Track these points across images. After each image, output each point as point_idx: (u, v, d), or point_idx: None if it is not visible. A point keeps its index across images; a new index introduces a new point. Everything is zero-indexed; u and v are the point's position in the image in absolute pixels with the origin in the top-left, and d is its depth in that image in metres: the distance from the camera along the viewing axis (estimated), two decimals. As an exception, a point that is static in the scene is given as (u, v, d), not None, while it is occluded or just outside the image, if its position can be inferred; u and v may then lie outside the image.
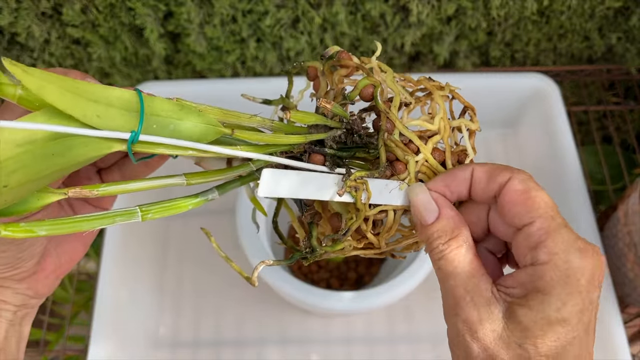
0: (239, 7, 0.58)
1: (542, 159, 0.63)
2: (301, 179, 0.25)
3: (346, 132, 0.26)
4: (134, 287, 0.56)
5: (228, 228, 0.54)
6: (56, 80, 0.19)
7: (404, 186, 0.25)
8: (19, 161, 0.18)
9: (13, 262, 0.26)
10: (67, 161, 0.20)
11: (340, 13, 0.58)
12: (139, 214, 0.23)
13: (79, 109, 0.19)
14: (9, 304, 0.27)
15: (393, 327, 0.58)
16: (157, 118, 0.21)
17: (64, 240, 0.29)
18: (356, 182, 0.24)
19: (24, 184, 0.19)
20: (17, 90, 0.20)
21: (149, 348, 0.56)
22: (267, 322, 0.58)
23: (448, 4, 0.58)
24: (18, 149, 0.18)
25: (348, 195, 0.25)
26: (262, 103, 0.30)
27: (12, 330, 0.28)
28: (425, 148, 0.25)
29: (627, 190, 0.52)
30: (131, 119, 0.21)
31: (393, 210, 0.26)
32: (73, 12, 0.57)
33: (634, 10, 0.61)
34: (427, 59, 0.68)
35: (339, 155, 0.26)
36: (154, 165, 0.29)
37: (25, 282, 0.27)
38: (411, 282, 0.47)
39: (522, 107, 0.65)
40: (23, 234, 0.20)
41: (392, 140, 0.25)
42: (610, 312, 0.51)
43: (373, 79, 0.25)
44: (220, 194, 0.26)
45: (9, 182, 0.18)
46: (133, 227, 0.58)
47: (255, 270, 0.25)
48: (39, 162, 0.19)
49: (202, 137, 0.22)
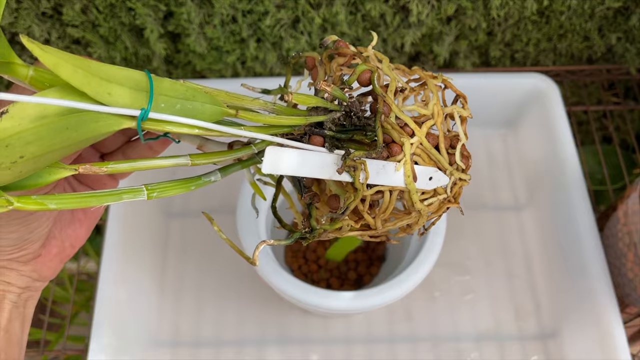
0: (239, 7, 0.58)
1: (542, 159, 0.63)
2: (302, 158, 0.26)
3: (345, 115, 0.27)
4: (134, 287, 0.56)
5: (229, 227, 0.54)
6: (70, 58, 0.20)
7: (400, 167, 0.26)
8: (35, 133, 0.19)
9: (20, 244, 0.27)
10: (79, 135, 0.20)
11: (340, 13, 0.58)
12: (145, 192, 0.24)
13: (90, 86, 0.20)
14: (14, 285, 0.28)
15: (393, 327, 0.58)
16: (165, 97, 0.22)
17: (68, 224, 0.30)
18: (355, 161, 0.25)
19: (38, 156, 0.20)
20: (29, 70, 0.21)
21: (149, 348, 0.56)
22: (267, 322, 0.58)
23: (448, 4, 0.58)
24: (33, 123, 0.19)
25: (347, 174, 0.26)
26: (261, 93, 0.31)
27: (16, 313, 0.28)
28: (419, 131, 0.27)
29: (627, 190, 0.52)
30: (140, 97, 0.21)
31: (389, 190, 0.27)
32: (73, 12, 0.57)
33: (633, 11, 0.61)
34: (427, 59, 0.68)
35: (337, 137, 0.27)
36: (157, 149, 0.30)
37: (31, 264, 0.28)
38: (411, 282, 0.47)
39: (522, 107, 0.65)
40: (34, 206, 0.21)
41: (389, 122, 0.26)
42: (610, 312, 0.51)
43: (370, 65, 0.27)
44: (222, 176, 0.27)
45: (25, 153, 0.19)
46: (133, 227, 0.58)
47: (257, 249, 0.26)
48: (53, 135, 0.19)
49: (208, 117, 0.23)
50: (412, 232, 0.30)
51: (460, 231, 0.62)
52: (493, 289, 0.59)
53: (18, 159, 0.19)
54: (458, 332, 0.57)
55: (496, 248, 0.62)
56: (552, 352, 0.56)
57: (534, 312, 0.58)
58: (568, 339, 0.55)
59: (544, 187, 0.62)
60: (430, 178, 0.28)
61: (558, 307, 0.57)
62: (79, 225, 0.30)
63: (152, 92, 0.21)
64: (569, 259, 0.56)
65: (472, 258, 0.61)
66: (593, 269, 0.53)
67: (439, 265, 0.50)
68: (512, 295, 0.59)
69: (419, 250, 0.49)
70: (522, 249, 0.62)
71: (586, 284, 0.53)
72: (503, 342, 0.57)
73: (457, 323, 0.58)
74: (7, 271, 0.27)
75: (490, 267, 0.61)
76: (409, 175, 0.26)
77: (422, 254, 0.48)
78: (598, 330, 0.51)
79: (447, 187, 0.28)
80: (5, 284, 0.28)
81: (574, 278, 0.55)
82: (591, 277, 0.52)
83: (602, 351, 0.51)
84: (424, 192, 0.28)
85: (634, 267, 0.50)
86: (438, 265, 0.50)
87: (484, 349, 0.56)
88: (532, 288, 0.60)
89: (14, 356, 0.28)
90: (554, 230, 0.59)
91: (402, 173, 0.26)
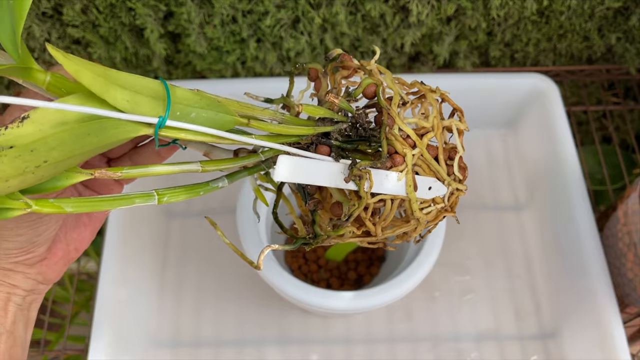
0: (239, 8, 0.58)
1: (542, 159, 0.63)
2: (312, 166, 0.27)
3: (351, 126, 0.28)
4: (134, 287, 0.56)
5: (228, 227, 0.54)
6: (90, 66, 0.21)
7: (402, 177, 0.27)
8: (58, 139, 0.20)
9: (27, 247, 0.27)
10: (100, 141, 0.21)
11: (340, 13, 0.58)
12: (156, 197, 0.25)
13: (110, 93, 0.21)
14: (19, 288, 0.28)
15: (393, 327, 0.58)
16: (180, 106, 0.23)
17: (73, 227, 0.30)
18: (361, 171, 0.26)
19: (60, 161, 0.20)
20: (46, 76, 0.21)
21: (149, 348, 0.56)
22: (267, 322, 0.58)
23: (448, 4, 0.58)
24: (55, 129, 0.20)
25: (352, 183, 0.27)
26: (264, 102, 0.31)
27: (20, 315, 0.28)
28: (421, 143, 0.28)
29: (627, 190, 0.52)
30: (157, 105, 0.22)
31: (391, 199, 0.28)
32: (73, 12, 0.57)
33: (633, 11, 0.61)
34: (427, 59, 0.68)
35: (343, 147, 0.28)
36: (164, 155, 0.30)
37: (36, 267, 0.28)
38: (411, 282, 0.47)
39: (522, 107, 0.65)
40: (52, 209, 0.22)
41: (393, 134, 0.27)
42: (610, 312, 0.51)
43: (375, 79, 0.28)
44: (229, 182, 0.28)
45: (49, 158, 0.20)
46: (133, 227, 0.58)
47: (262, 254, 0.27)
48: (75, 141, 0.20)
49: (221, 126, 0.24)
50: (410, 239, 0.31)
51: (460, 231, 0.62)
52: (493, 289, 0.60)
53: (42, 164, 0.20)
54: (458, 332, 0.57)
55: (496, 248, 0.62)
56: (552, 352, 0.56)
57: (534, 312, 0.58)
58: (568, 339, 0.55)
59: (544, 187, 0.62)
60: (429, 188, 0.29)
61: (558, 307, 0.58)
62: (84, 228, 0.30)
63: (170, 101, 0.22)
64: (568, 259, 0.56)
65: (472, 258, 0.61)
66: (593, 269, 0.53)
67: (438, 265, 0.50)
68: (512, 295, 0.59)
69: (419, 250, 0.49)
70: (522, 249, 0.62)
71: (586, 284, 0.53)
72: (503, 342, 0.57)
73: (457, 323, 0.58)
74: (14, 274, 0.28)
75: (490, 267, 0.61)
76: (410, 185, 0.27)
77: (422, 254, 0.48)
78: (598, 330, 0.51)
79: (445, 197, 0.30)
80: (11, 287, 0.28)
81: (574, 278, 0.55)
82: (591, 277, 0.52)
83: (602, 351, 0.51)
84: (423, 201, 0.29)
85: (633, 267, 0.50)
86: (438, 265, 0.50)
87: (484, 349, 0.56)
88: (532, 288, 0.60)
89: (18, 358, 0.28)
90: (554, 230, 0.59)
91: (403, 182, 0.27)
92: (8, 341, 0.27)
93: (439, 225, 0.49)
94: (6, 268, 0.27)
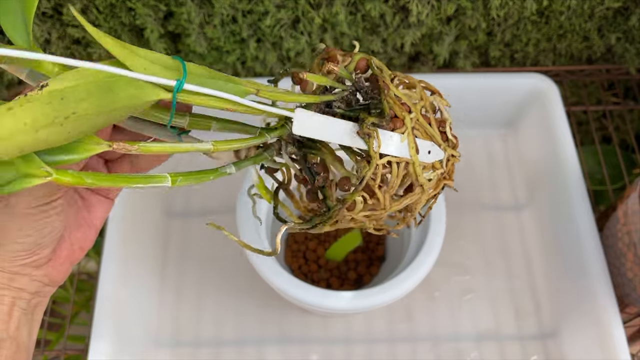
0: (239, 8, 0.58)
1: (542, 159, 0.63)
2: (327, 123, 0.28)
3: (351, 93, 0.29)
4: (134, 286, 0.57)
5: (228, 227, 0.54)
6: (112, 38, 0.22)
7: (404, 139, 0.28)
8: (86, 90, 0.21)
9: (34, 248, 0.27)
10: (121, 100, 0.22)
11: (340, 13, 0.58)
12: (169, 179, 0.26)
13: (130, 59, 0.22)
14: (25, 291, 0.28)
15: (393, 327, 0.58)
16: (193, 76, 0.24)
17: (77, 227, 0.30)
18: (369, 129, 0.28)
19: (87, 114, 0.21)
20: (55, 67, 0.22)
21: (149, 348, 0.56)
22: (267, 322, 0.58)
23: (448, 4, 0.58)
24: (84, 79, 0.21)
25: (362, 141, 0.28)
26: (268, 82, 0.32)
27: (25, 320, 0.28)
28: (415, 108, 0.29)
29: (627, 190, 0.52)
30: (172, 73, 0.24)
31: (397, 162, 0.29)
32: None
33: (633, 11, 0.61)
34: (427, 59, 0.68)
35: (346, 114, 0.29)
36: (162, 158, 0.31)
37: (43, 268, 0.28)
38: (411, 282, 0.47)
39: (522, 107, 0.65)
40: (72, 179, 0.22)
41: (391, 97, 0.29)
42: (610, 312, 0.51)
43: (365, 55, 0.30)
44: (236, 169, 0.29)
45: (78, 109, 0.20)
46: (133, 227, 0.58)
47: (279, 233, 0.28)
48: (101, 96, 0.21)
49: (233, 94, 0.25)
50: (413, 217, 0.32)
51: (460, 231, 0.62)
52: (493, 289, 0.60)
53: (71, 115, 0.20)
54: (458, 332, 0.57)
55: (496, 248, 0.62)
56: (552, 352, 0.56)
57: (533, 312, 0.58)
58: (568, 339, 0.55)
59: (544, 187, 0.62)
60: (429, 152, 0.30)
61: (558, 307, 0.58)
62: (88, 228, 0.30)
63: (185, 67, 0.24)
64: (568, 259, 0.56)
65: (472, 258, 0.61)
66: (593, 269, 0.53)
67: (438, 265, 0.50)
68: (512, 295, 0.59)
69: (418, 250, 0.49)
70: (522, 249, 0.62)
71: (586, 284, 0.53)
72: (503, 342, 0.57)
73: (457, 323, 0.58)
74: (20, 277, 0.28)
75: (490, 267, 0.61)
76: (412, 147, 0.29)
77: (422, 254, 0.48)
78: (598, 330, 0.51)
79: (442, 163, 0.31)
80: (17, 291, 0.28)
81: (574, 278, 0.55)
82: (591, 277, 0.52)
83: (601, 351, 0.51)
84: (425, 166, 0.30)
85: (633, 267, 0.50)
86: (438, 265, 0.50)
87: (484, 349, 0.56)
88: (532, 288, 0.60)
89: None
90: (554, 230, 0.59)
91: (406, 145, 0.29)
92: (11, 347, 0.27)
93: (439, 224, 0.50)
94: (13, 271, 0.27)
